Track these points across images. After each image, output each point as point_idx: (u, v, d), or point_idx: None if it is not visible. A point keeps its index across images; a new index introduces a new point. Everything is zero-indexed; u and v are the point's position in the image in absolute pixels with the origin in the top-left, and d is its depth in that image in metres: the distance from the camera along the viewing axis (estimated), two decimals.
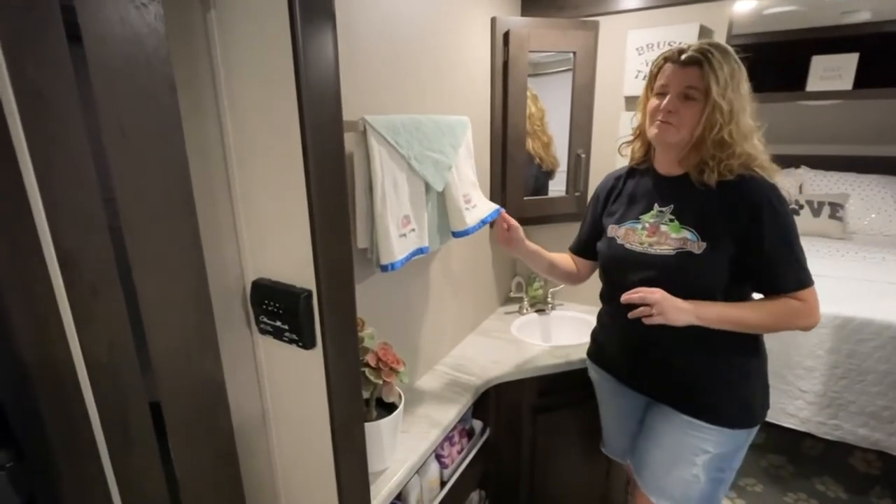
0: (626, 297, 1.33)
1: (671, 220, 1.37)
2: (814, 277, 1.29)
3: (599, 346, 1.69)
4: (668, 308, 1.28)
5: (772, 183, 1.28)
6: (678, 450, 1.44)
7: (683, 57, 1.28)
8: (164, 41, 0.71)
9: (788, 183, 4.03)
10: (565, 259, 1.80)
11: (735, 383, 1.38)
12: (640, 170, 1.53)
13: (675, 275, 1.34)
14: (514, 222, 1.66)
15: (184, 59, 0.91)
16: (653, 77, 1.37)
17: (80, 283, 0.65)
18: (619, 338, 1.57)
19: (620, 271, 1.47)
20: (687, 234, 1.33)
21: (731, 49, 1.29)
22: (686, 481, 1.43)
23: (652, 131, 1.36)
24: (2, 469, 0.67)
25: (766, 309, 1.31)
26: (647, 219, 1.43)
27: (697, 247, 1.31)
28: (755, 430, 1.42)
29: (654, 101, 1.35)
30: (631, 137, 1.56)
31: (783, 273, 1.28)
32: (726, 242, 1.28)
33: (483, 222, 1.73)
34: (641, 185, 1.50)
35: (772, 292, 1.32)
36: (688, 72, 1.27)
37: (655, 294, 1.30)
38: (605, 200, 1.62)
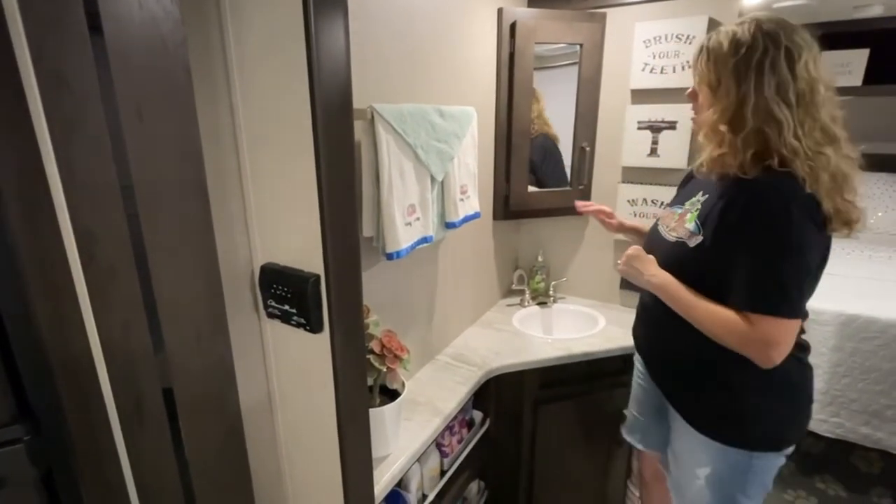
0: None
1: (696, 211, 1.31)
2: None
3: (634, 329, 1.62)
4: (625, 263, 1.37)
5: (786, 189, 1.12)
6: (684, 455, 1.43)
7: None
8: (179, 25, 0.72)
9: None
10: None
11: (724, 394, 1.31)
12: None
13: (670, 261, 1.32)
14: (599, 209, 1.82)
15: (197, 45, 0.91)
16: None
17: (98, 264, 0.67)
18: (641, 325, 1.56)
19: (646, 249, 1.42)
20: (693, 225, 1.28)
21: (749, 26, 1.16)
22: (695, 491, 1.40)
23: None
24: (20, 441, 0.69)
25: (712, 310, 1.20)
26: (687, 205, 1.36)
27: (694, 240, 1.26)
28: (761, 458, 1.30)
29: None
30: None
31: (740, 285, 1.16)
32: (714, 241, 1.22)
33: (466, 219, 1.74)
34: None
35: (727, 304, 1.19)
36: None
37: (629, 250, 1.35)
38: (682, 181, 1.59)
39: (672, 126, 2.04)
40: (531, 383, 1.95)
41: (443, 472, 1.70)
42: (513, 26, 1.98)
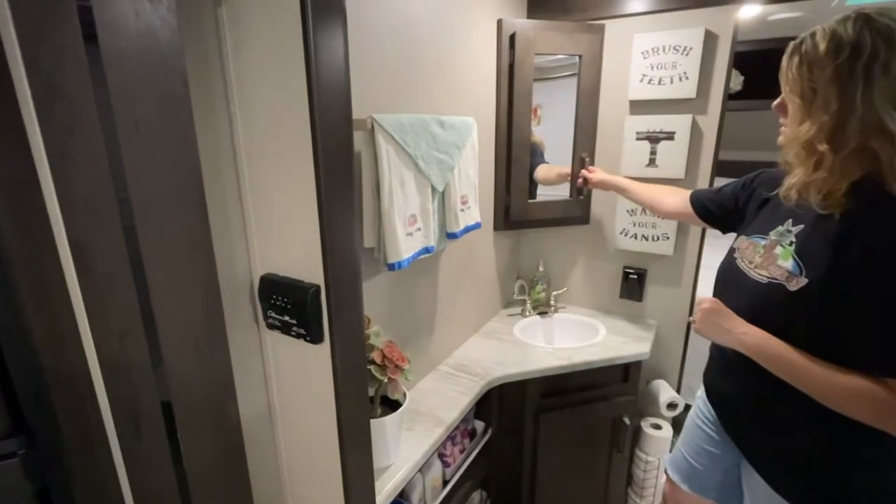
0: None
1: (790, 244, 1.10)
2: None
3: (707, 375, 1.43)
4: (703, 321, 1.17)
5: None
6: None
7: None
8: (176, 34, 0.71)
9: None
10: (661, 192, 1.80)
11: (828, 465, 1.09)
12: None
13: (760, 308, 1.12)
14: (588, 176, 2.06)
15: (195, 55, 0.92)
16: None
17: (94, 276, 0.66)
18: (720, 376, 1.34)
19: (721, 289, 1.26)
20: (790, 264, 1.07)
21: (854, 22, 0.95)
22: None
23: None
24: (14, 456, 0.68)
25: (834, 376, 0.98)
26: (773, 235, 1.16)
27: (795, 283, 1.04)
28: None
29: None
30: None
31: (880, 344, 0.94)
32: (828, 286, 1.00)
33: (466, 229, 1.74)
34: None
35: (858, 369, 0.97)
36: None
37: (704, 303, 1.19)
38: (752, 201, 1.33)
39: (670, 136, 2.04)
40: (532, 393, 1.94)
41: (445, 483, 1.69)
42: (512, 37, 1.98)
